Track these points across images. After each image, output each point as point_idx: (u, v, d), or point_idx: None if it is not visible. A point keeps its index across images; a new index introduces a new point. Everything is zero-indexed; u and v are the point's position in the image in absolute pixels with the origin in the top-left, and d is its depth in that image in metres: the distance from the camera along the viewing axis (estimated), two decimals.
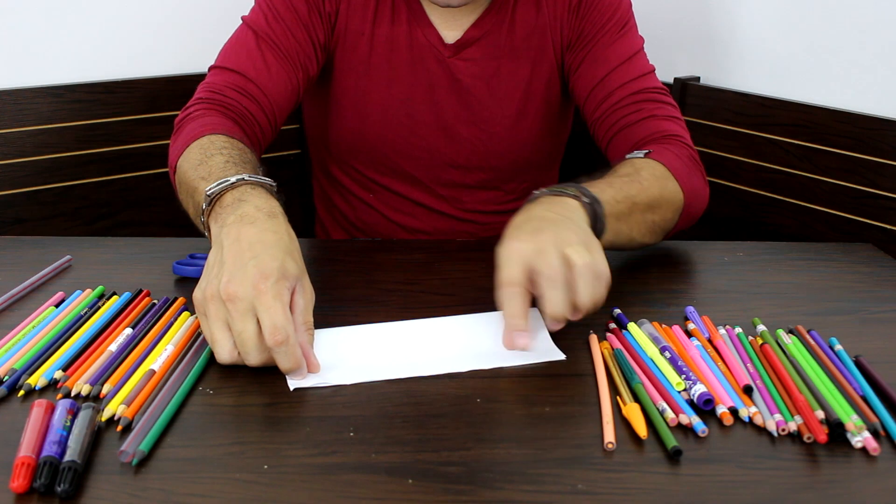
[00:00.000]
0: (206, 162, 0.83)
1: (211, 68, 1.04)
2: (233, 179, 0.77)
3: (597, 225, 0.80)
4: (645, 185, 0.89)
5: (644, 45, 1.10)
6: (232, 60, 1.02)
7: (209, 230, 0.77)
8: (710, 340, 0.74)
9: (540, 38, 1.09)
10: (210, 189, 0.76)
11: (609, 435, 0.60)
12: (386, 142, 1.12)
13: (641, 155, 0.95)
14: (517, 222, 0.76)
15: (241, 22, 1.06)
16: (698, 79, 1.54)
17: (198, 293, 0.68)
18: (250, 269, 0.66)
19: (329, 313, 0.80)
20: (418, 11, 1.07)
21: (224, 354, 0.67)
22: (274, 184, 0.80)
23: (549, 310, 0.70)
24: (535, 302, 0.72)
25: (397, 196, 1.16)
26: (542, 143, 1.15)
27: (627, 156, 0.96)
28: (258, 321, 0.65)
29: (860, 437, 0.60)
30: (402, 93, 1.09)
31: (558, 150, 1.23)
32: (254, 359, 0.66)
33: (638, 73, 1.06)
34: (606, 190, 0.84)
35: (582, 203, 0.79)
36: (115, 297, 0.81)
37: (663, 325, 0.77)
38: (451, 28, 1.08)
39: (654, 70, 1.09)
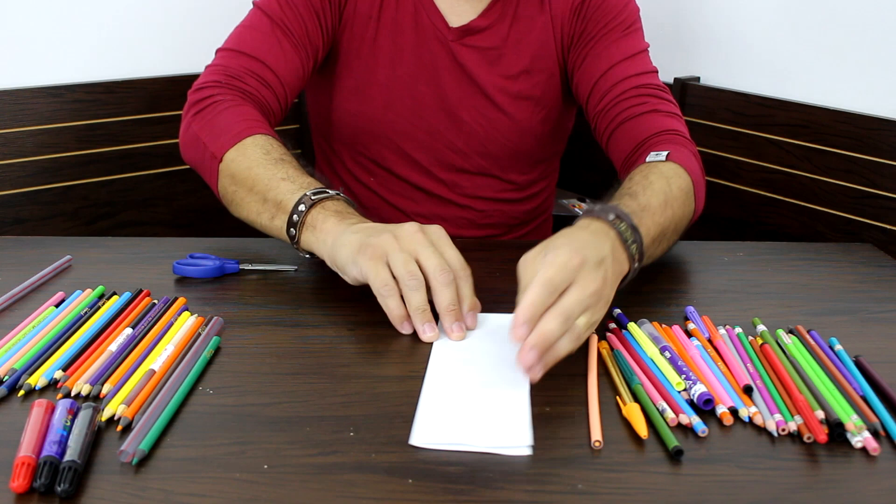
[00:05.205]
0: (278, 164, 0.89)
1: (221, 50, 1.04)
2: (332, 192, 0.85)
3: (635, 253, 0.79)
4: (675, 207, 0.88)
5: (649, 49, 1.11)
6: (248, 45, 1.02)
7: (302, 227, 0.84)
8: (710, 340, 0.74)
9: (542, 33, 1.10)
10: (315, 195, 0.84)
11: (596, 433, 0.60)
12: (388, 121, 1.12)
13: (663, 157, 0.94)
14: (566, 236, 0.74)
15: (251, 6, 1.06)
16: (698, 79, 1.54)
17: (374, 240, 0.76)
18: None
19: (330, 313, 0.80)
20: None
21: (408, 265, 0.74)
22: (353, 202, 0.88)
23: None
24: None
25: (397, 179, 1.16)
26: (542, 136, 1.16)
27: (648, 158, 0.95)
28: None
29: (860, 437, 0.60)
30: (405, 73, 1.11)
31: (559, 145, 1.24)
32: (432, 264, 0.74)
33: (641, 70, 1.07)
34: (652, 229, 0.82)
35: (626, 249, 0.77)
36: (115, 297, 0.81)
37: (663, 325, 0.77)
38: (456, 14, 1.10)
39: (657, 72, 1.09)
